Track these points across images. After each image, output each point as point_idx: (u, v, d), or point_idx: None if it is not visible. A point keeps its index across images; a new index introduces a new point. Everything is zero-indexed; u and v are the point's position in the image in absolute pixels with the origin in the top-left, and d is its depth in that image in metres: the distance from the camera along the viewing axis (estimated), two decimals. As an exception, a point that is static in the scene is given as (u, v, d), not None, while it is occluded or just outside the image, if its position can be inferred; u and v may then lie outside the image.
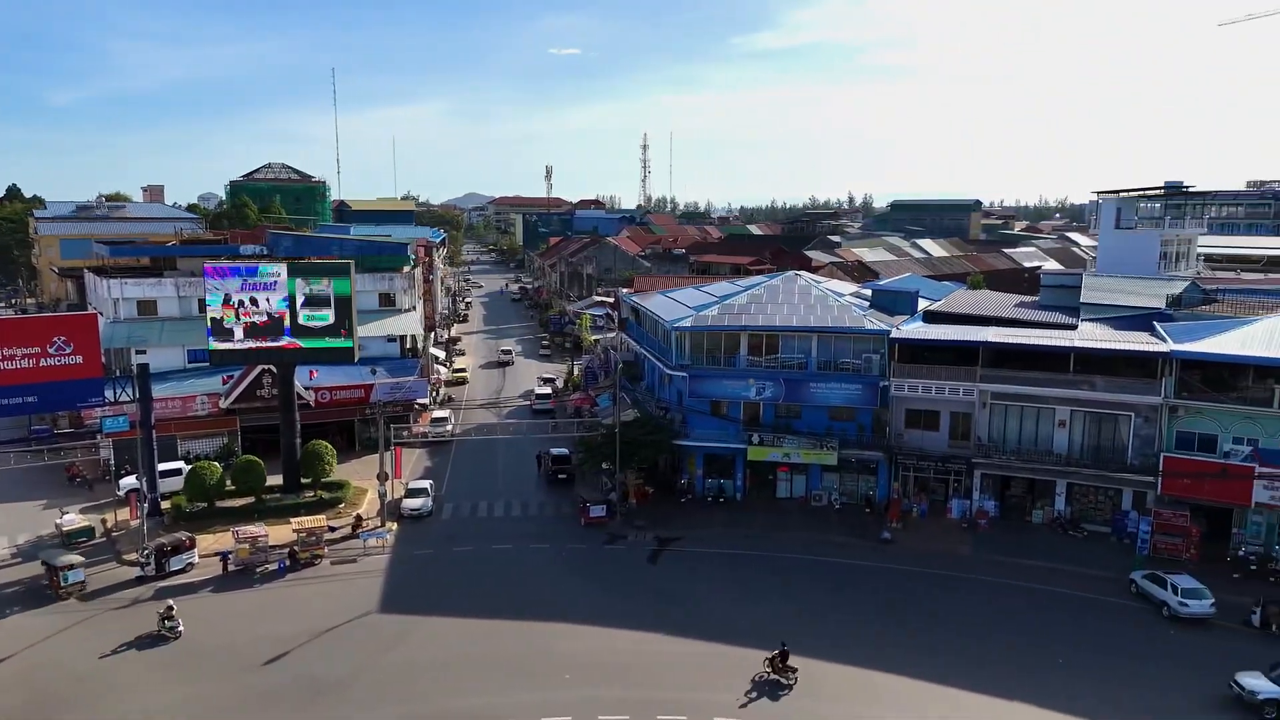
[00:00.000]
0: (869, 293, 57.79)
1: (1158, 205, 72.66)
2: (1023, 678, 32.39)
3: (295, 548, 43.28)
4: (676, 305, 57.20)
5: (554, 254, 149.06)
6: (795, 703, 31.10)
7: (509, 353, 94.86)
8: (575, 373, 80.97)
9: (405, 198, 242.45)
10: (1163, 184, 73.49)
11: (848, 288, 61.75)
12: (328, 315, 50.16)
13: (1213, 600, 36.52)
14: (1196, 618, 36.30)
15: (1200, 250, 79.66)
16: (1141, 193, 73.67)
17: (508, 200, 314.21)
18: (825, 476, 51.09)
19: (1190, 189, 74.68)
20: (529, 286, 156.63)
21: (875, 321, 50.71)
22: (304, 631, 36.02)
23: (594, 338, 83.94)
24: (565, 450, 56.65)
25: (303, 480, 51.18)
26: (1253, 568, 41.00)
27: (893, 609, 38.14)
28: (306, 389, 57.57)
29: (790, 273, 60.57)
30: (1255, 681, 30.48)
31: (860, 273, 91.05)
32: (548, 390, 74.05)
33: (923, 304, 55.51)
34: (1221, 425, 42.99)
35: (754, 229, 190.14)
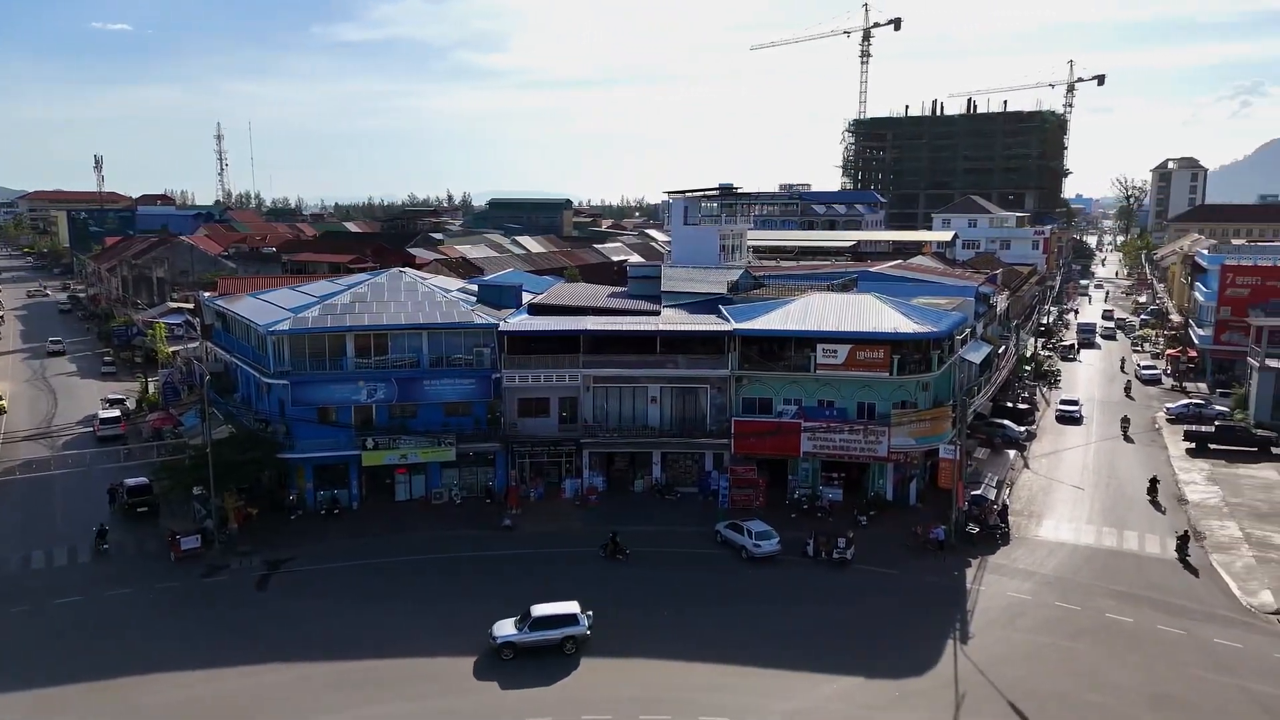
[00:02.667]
0: (475, 288, 58.63)
1: (715, 205, 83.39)
2: (635, 636, 35.46)
3: None
4: (271, 308, 52.99)
5: (113, 256, 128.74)
6: (430, 703, 30.82)
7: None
8: (151, 390, 71.19)
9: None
10: (718, 186, 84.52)
11: (454, 284, 62.01)
12: None
13: (779, 539, 43.15)
14: (768, 555, 42.63)
15: (750, 243, 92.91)
16: (703, 193, 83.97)
17: (45, 195, 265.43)
18: (445, 473, 51.02)
19: (739, 190, 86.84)
20: (82, 294, 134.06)
21: (484, 316, 51.68)
22: None
23: (172, 349, 74.47)
24: (144, 479, 49.70)
25: None
26: (805, 507, 49.09)
27: (514, 591, 39.37)
28: None
29: (395, 270, 59.27)
30: (500, 629, 34.20)
31: (465, 269, 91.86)
32: (115, 413, 64.21)
33: (526, 297, 57.74)
34: (774, 390, 50.83)
35: (352, 226, 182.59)
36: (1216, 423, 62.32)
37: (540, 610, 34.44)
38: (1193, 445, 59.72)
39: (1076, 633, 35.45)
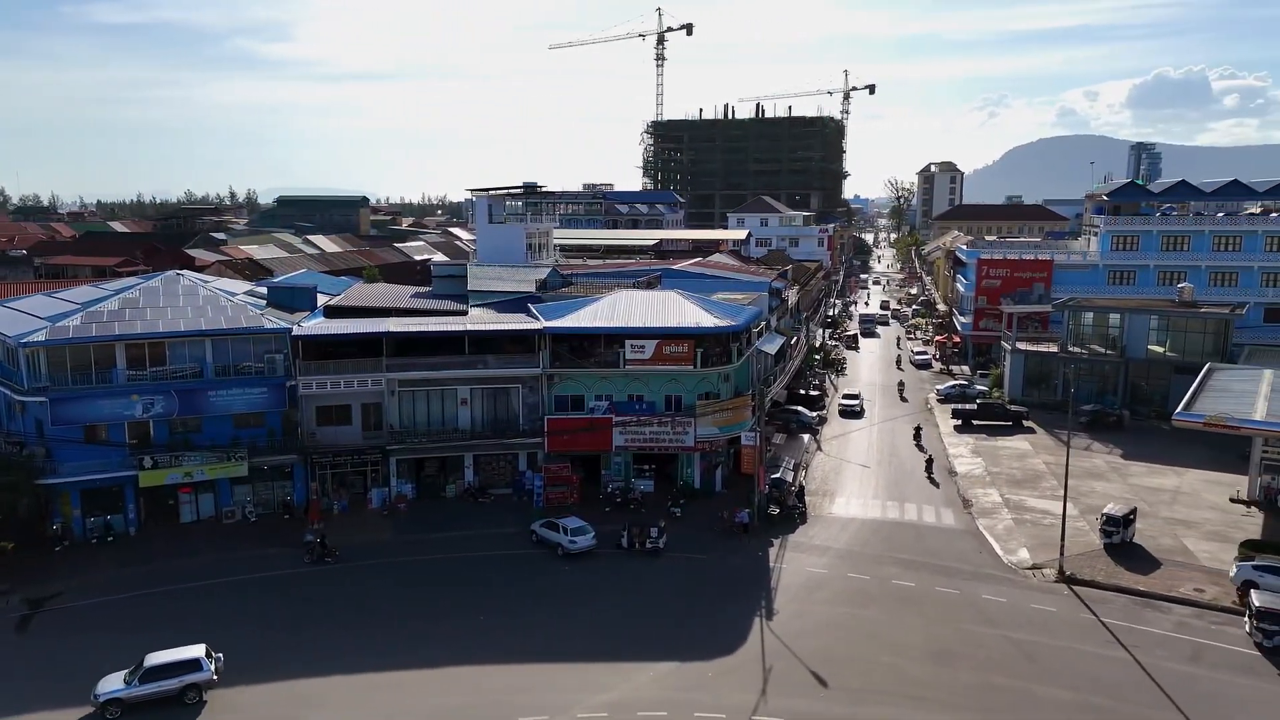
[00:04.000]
0: (264, 291, 55.11)
1: (520, 203, 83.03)
2: (452, 642, 34.71)
3: None
4: (23, 317, 47.27)
5: None
6: (229, 737, 28.68)
7: None
8: None
9: None
10: (522, 184, 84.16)
11: (241, 286, 57.93)
12: None
13: (594, 533, 43.62)
14: (584, 550, 43.01)
15: (556, 241, 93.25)
16: (507, 192, 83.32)
17: None
18: (237, 490, 47.59)
19: (543, 189, 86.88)
20: None
21: (275, 320, 48.61)
22: None
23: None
24: None
25: None
26: (618, 500, 49.88)
27: (316, 610, 37.47)
28: None
29: (171, 272, 54.49)
30: (105, 685, 30.23)
31: (252, 270, 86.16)
32: None
33: (322, 299, 54.95)
34: (586, 386, 51.33)
35: (118, 226, 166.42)
36: (978, 401, 69.36)
37: (154, 659, 30.62)
38: (959, 422, 66.17)
39: (868, 600, 38.35)
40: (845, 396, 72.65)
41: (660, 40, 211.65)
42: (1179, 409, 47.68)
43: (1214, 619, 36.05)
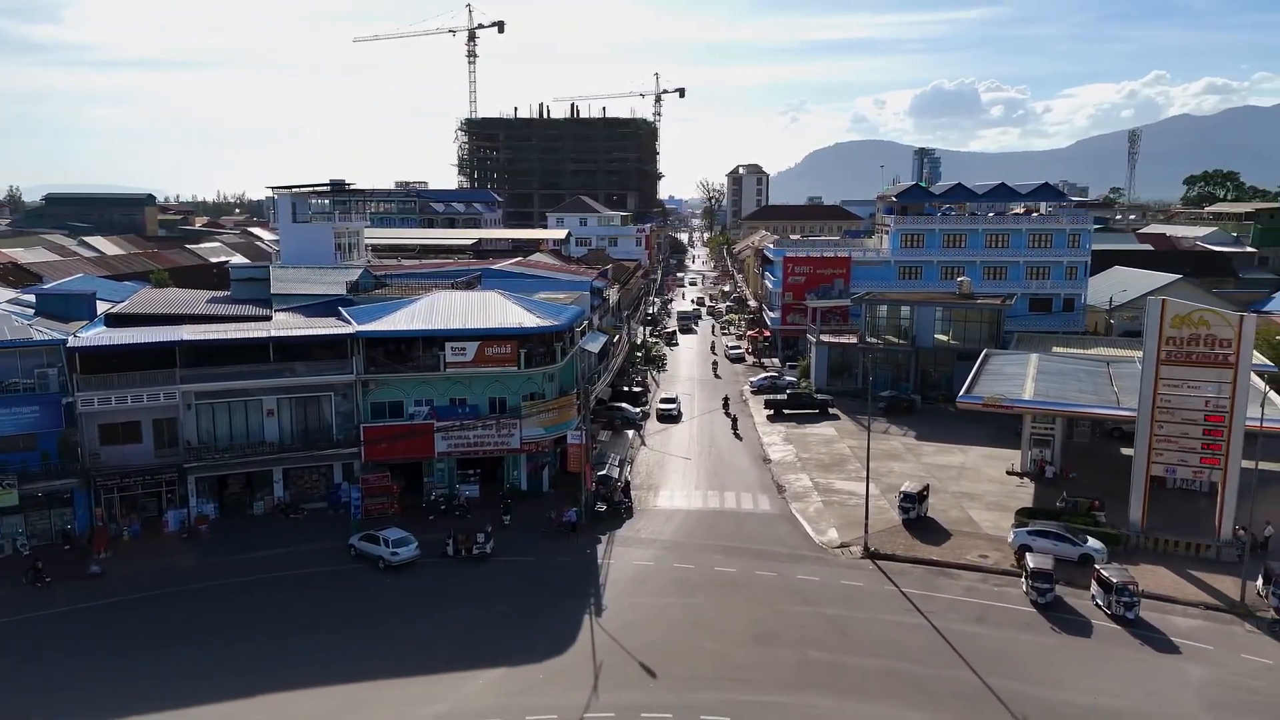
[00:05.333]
0: (33, 298, 49.54)
1: (326, 201, 79.09)
2: (262, 669, 32.62)
3: None
4: None
5: None
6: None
7: None
8: None
9: None
10: (329, 181, 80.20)
11: (3, 295, 51.71)
12: None
13: (417, 543, 42.29)
14: (407, 561, 41.60)
15: (368, 241, 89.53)
16: (312, 189, 79.11)
17: None
18: (5, 521, 42.45)
19: (351, 186, 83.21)
20: None
21: (45, 331, 43.75)
22: None
23: None
24: None
25: None
26: (443, 507, 48.61)
27: (114, 649, 34.15)
28: None
29: (-89, 279, 47.80)
30: None
31: (17, 276, 77.23)
32: None
33: (103, 306, 50.08)
34: (405, 392, 49.65)
35: None
36: (788, 392, 73.08)
37: None
38: (771, 412, 69.48)
39: (693, 589, 39.51)
40: (663, 401, 70.87)
41: (471, 37, 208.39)
42: (961, 392, 52.54)
43: (997, 582, 39.86)
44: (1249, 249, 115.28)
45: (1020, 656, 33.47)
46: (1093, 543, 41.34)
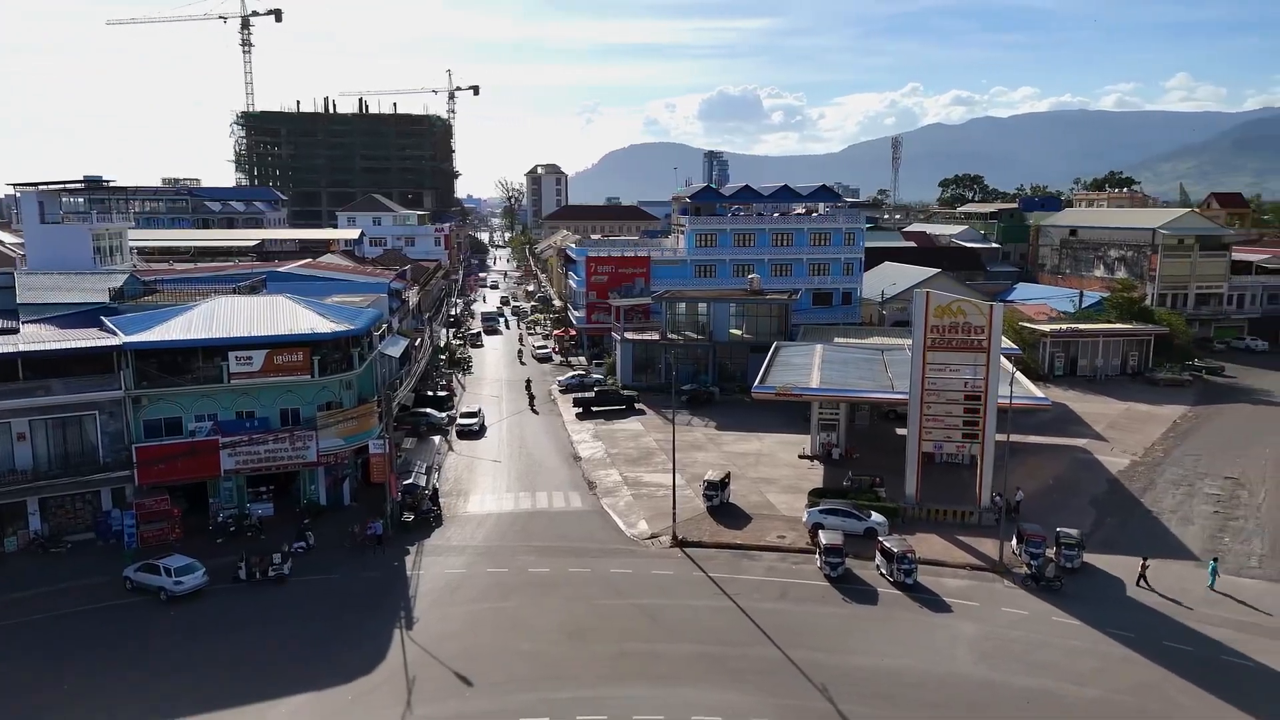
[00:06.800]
0: None
1: (81, 200, 71.36)
2: (29, 724, 29.09)
3: None
4: None
5: None
6: None
7: None
8: None
9: None
10: (83, 178, 72.37)
11: None
12: None
13: (204, 570, 39.14)
14: (193, 590, 38.39)
15: (133, 243, 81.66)
16: (63, 187, 71.12)
17: None
18: None
19: (111, 183, 75.51)
20: None
21: None
22: None
23: None
24: None
25: None
26: (232, 529, 45.25)
27: None
28: None
29: None
30: None
31: None
32: None
33: None
34: (184, 406, 45.73)
35: None
36: (595, 389, 74.10)
37: None
38: (580, 410, 70.16)
39: (508, 592, 39.19)
40: (463, 415, 65.89)
41: (245, 24, 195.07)
42: (756, 383, 55.57)
43: (794, 560, 42.47)
44: (994, 245, 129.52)
45: (817, 628, 35.86)
46: (876, 517, 45.04)
